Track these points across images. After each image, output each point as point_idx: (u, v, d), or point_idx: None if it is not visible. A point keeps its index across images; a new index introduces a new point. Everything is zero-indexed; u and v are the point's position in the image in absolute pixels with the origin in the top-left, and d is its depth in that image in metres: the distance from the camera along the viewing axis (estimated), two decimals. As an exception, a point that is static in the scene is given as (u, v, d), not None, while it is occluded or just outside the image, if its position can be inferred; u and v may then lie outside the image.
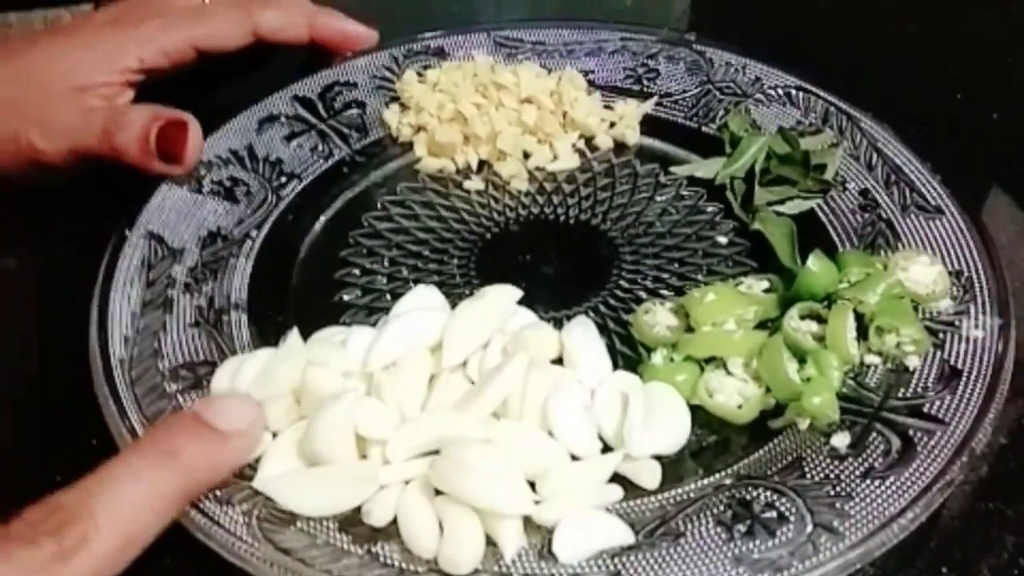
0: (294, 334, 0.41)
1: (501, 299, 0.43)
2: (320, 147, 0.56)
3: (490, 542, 0.35)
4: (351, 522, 0.36)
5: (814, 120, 0.55)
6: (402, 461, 0.36)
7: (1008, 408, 0.40)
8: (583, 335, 0.42)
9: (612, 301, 0.48)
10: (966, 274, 0.45)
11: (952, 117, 0.60)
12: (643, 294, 0.48)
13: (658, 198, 0.54)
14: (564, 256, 0.51)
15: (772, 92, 0.58)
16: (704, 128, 0.57)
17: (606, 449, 0.39)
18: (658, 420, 0.39)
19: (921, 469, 0.37)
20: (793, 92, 0.57)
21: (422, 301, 0.43)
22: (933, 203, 0.49)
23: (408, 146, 0.57)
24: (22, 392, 0.45)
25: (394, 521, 0.35)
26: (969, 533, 0.38)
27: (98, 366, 0.41)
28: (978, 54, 0.67)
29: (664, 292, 0.48)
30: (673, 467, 0.39)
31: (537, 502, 0.36)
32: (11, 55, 0.51)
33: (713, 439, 0.40)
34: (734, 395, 0.41)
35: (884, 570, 0.36)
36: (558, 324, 0.45)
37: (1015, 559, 0.37)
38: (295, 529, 0.35)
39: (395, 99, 0.59)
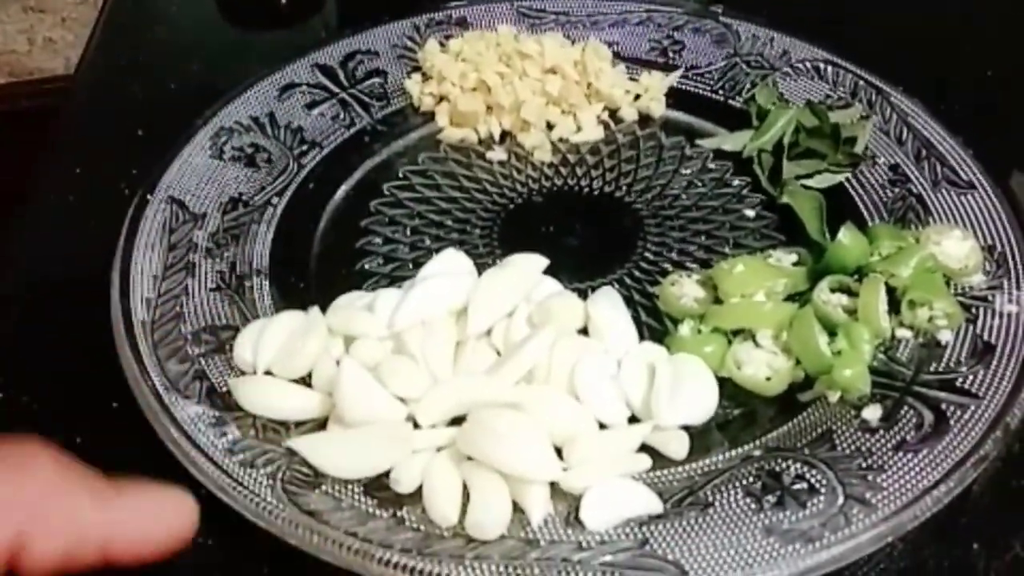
0: (315, 312, 0.41)
1: (527, 268, 0.43)
2: (341, 116, 0.55)
3: (517, 509, 0.34)
4: (377, 486, 0.35)
5: (843, 94, 0.55)
6: (432, 424, 0.36)
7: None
8: (609, 305, 0.42)
9: (637, 273, 0.47)
10: (999, 249, 0.44)
11: (983, 91, 0.59)
12: (668, 267, 0.47)
13: (684, 171, 0.53)
14: (588, 228, 0.50)
15: (800, 65, 0.57)
16: (731, 101, 0.56)
17: (633, 420, 0.38)
18: (685, 391, 0.39)
19: (954, 443, 0.36)
20: (821, 65, 0.56)
21: (449, 264, 0.43)
22: (965, 178, 0.49)
23: (430, 116, 0.56)
24: (44, 355, 0.44)
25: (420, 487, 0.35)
26: (1001, 510, 0.38)
27: (120, 329, 0.41)
28: (1009, 29, 0.65)
29: (690, 265, 0.47)
30: (701, 438, 0.38)
31: (565, 469, 0.35)
32: None
33: (741, 411, 0.40)
34: (763, 367, 0.40)
35: (915, 545, 0.36)
36: (582, 295, 0.44)
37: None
38: (320, 492, 0.35)
39: (417, 69, 0.58)
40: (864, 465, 0.36)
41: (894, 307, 0.42)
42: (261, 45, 0.67)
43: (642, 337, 0.42)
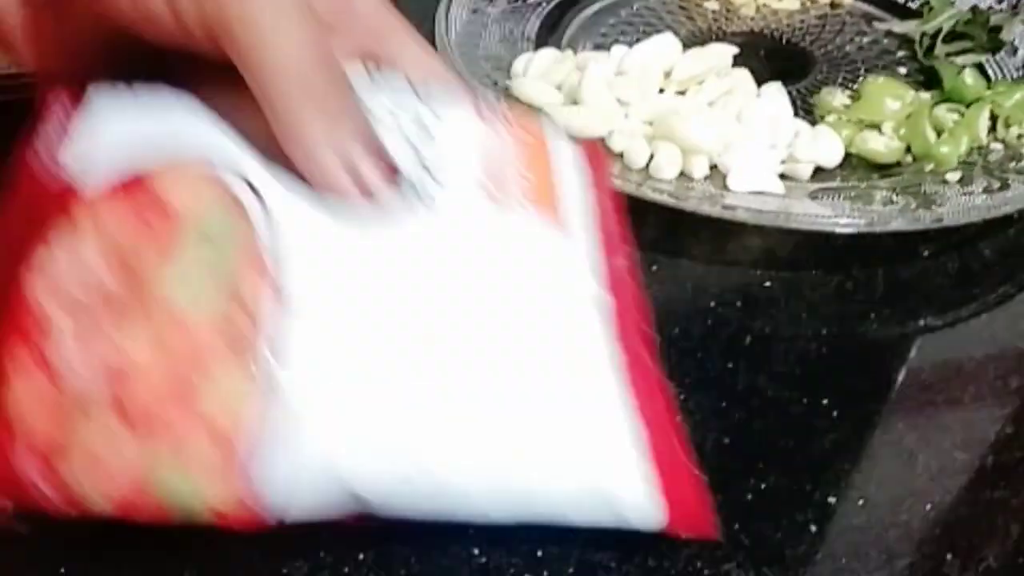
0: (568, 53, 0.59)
1: (721, 52, 0.59)
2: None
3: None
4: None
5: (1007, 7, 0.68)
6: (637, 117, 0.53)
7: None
8: (776, 89, 0.57)
9: (803, 91, 0.61)
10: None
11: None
12: (827, 94, 0.62)
13: (857, 39, 0.67)
14: (771, 63, 0.65)
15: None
16: (909, 3, 0.70)
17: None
18: (821, 140, 0.54)
19: (1010, 198, 0.50)
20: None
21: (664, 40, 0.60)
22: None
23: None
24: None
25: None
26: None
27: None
28: None
29: (846, 93, 0.62)
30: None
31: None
32: None
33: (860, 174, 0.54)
34: (881, 145, 0.55)
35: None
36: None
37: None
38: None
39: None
40: (939, 202, 0.50)
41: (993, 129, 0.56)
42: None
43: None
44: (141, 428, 0.27)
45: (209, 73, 0.31)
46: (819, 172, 0.53)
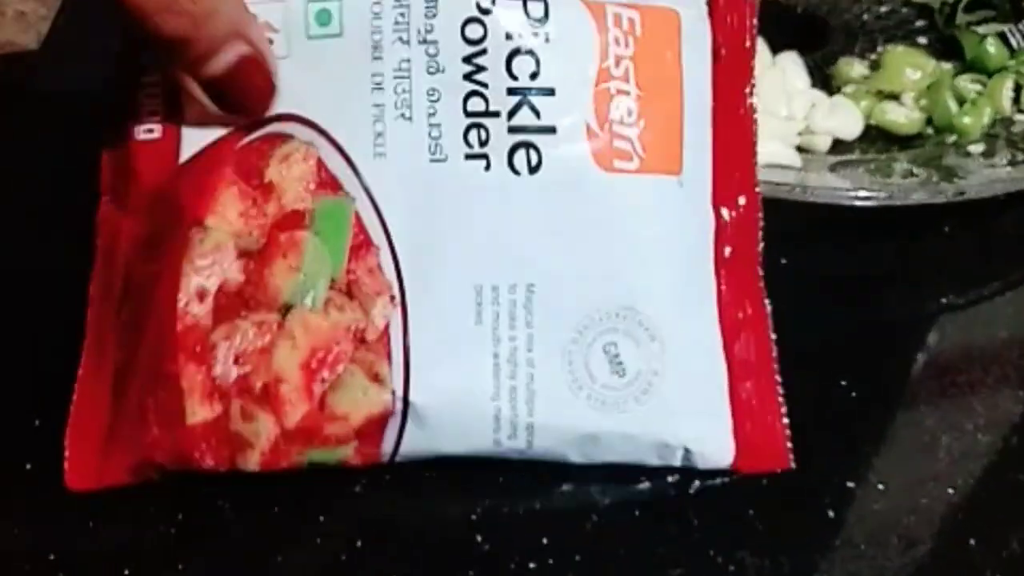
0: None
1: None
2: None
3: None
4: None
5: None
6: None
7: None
8: (792, 59, 0.56)
9: (820, 62, 0.60)
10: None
11: None
12: (844, 65, 0.60)
13: (875, 8, 0.65)
14: (785, 29, 0.62)
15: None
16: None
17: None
18: (839, 112, 0.52)
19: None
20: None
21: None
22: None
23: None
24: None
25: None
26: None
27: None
28: None
29: (864, 64, 0.60)
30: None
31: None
32: None
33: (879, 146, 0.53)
34: (902, 116, 0.53)
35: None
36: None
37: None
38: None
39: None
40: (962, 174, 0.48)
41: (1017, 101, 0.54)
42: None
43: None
44: (284, 418, 0.32)
45: None
46: (837, 144, 0.52)
